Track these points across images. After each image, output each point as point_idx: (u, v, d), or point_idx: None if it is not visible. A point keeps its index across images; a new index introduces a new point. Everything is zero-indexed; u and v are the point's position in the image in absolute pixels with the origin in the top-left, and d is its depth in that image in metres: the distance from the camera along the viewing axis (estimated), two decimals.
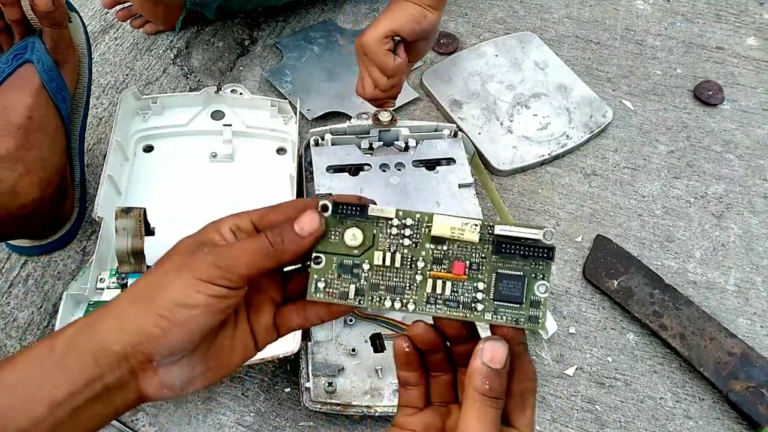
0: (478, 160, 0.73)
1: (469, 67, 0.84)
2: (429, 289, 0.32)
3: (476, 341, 0.31)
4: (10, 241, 0.66)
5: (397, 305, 0.32)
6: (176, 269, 0.30)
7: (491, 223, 0.32)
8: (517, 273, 0.32)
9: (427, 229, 0.32)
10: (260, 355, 0.54)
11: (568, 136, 0.78)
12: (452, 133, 0.71)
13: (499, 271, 0.32)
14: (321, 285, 0.32)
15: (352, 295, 0.32)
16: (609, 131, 0.80)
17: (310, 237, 0.31)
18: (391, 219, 0.32)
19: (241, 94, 0.73)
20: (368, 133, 0.69)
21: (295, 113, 0.71)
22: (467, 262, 0.32)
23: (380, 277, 0.32)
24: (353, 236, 0.32)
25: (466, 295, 0.32)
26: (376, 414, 0.54)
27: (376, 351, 0.57)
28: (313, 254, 0.32)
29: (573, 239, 0.70)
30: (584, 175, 0.76)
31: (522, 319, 0.32)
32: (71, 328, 0.30)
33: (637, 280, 0.66)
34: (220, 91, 0.73)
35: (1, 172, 0.55)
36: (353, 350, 0.58)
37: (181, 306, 0.29)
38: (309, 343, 0.57)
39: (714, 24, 0.93)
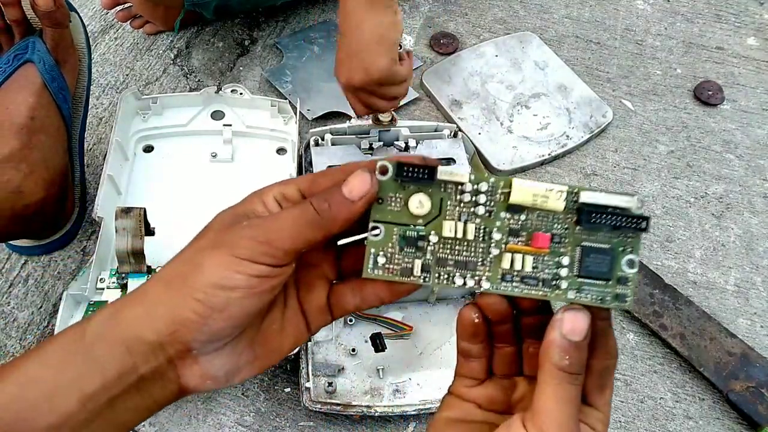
0: (478, 160, 0.73)
1: (469, 67, 0.84)
2: (506, 265, 0.29)
3: (548, 313, 0.29)
4: (10, 241, 0.66)
5: (470, 282, 0.29)
6: (212, 246, 0.27)
7: (576, 189, 0.28)
8: (604, 246, 0.28)
9: (503, 196, 0.28)
10: None
11: (568, 136, 0.78)
12: (452, 134, 0.71)
13: (584, 244, 0.29)
14: (380, 260, 0.28)
15: (417, 271, 0.28)
16: (609, 131, 0.80)
17: (362, 200, 0.27)
18: (463, 184, 0.28)
19: (241, 94, 0.73)
20: (368, 134, 0.69)
21: (295, 113, 0.71)
22: (549, 234, 0.29)
23: (449, 251, 0.29)
24: (419, 203, 0.28)
25: (547, 271, 0.29)
26: (377, 414, 0.54)
27: (376, 351, 0.57)
28: (370, 224, 0.28)
29: None
30: (584, 175, 0.76)
31: (608, 298, 0.28)
32: (100, 316, 0.27)
33: (637, 279, 0.66)
34: (220, 91, 0.73)
35: (6, 173, 0.55)
36: (353, 350, 0.57)
37: (219, 288, 0.26)
38: (309, 343, 0.57)
39: (714, 24, 0.93)
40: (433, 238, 0.28)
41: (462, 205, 0.29)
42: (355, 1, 0.57)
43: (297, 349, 0.55)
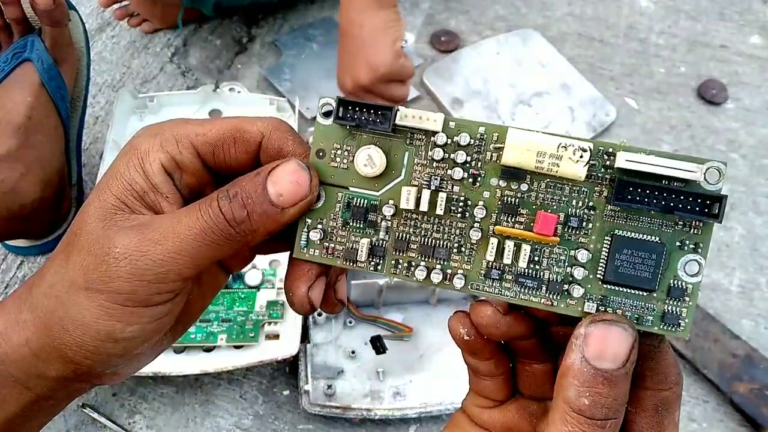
0: None
1: (471, 65, 0.83)
2: (490, 255, 0.20)
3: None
4: (6, 241, 0.65)
5: (436, 278, 0.20)
6: (86, 286, 0.21)
7: (609, 148, 0.19)
8: (651, 239, 0.19)
9: (495, 155, 0.20)
10: (259, 358, 0.54)
11: (570, 135, 0.77)
12: None
13: (617, 232, 0.20)
14: (315, 236, 0.21)
15: (363, 255, 0.21)
16: (612, 130, 0.79)
17: (294, 209, 0.21)
18: (436, 133, 0.20)
19: (239, 92, 0.72)
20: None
21: (294, 112, 0.70)
22: (561, 215, 0.20)
23: (411, 230, 0.21)
24: (368, 160, 0.20)
25: (555, 269, 0.20)
26: (377, 417, 0.54)
27: (377, 353, 0.56)
28: None
29: None
30: None
31: (651, 318, 0.19)
32: None
33: None
34: (217, 90, 0.72)
35: (2, 172, 0.54)
36: (353, 352, 0.57)
37: (111, 341, 0.21)
38: (308, 345, 0.56)
39: (718, 22, 0.92)
40: (389, 210, 0.21)
41: (434, 165, 0.20)
42: (356, 1, 0.56)
43: (296, 351, 0.54)
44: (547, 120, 0.78)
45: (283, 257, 0.59)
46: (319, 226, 0.21)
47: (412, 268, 0.21)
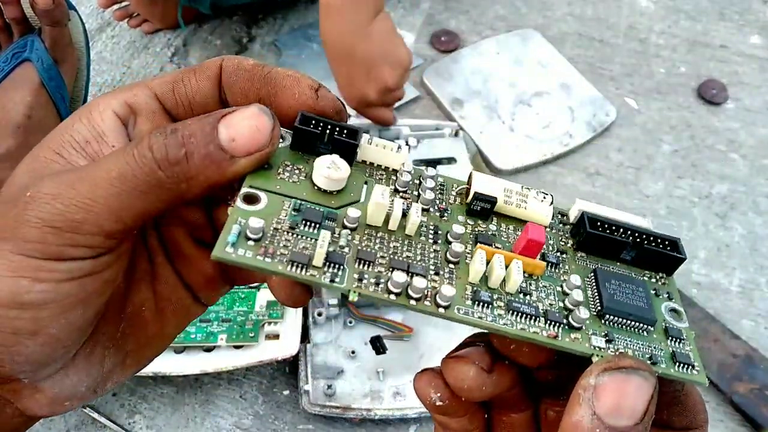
0: (480, 159, 0.72)
1: (471, 65, 0.83)
2: (480, 265, 0.17)
3: (575, 366, 0.17)
4: None
5: (414, 297, 0.16)
6: None
7: (561, 210, 0.20)
8: (630, 275, 0.19)
9: (459, 198, 0.19)
10: (259, 358, 0.54)
11: (570, 135, 0.77)
12: (453, 132, 0.70)
13: (599, 268, 0.19)
14: (255, 224, 0.16)
15: (320, 259, 0.16)
16: (612, 130, 0.79)
17: (248, 159, 0.17)
18: (396, 172, 0.19)
19: None
20: (368, 132, 0.69)
21: None
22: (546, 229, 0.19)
23: (377, 246, 0.17)
24: (333, 165, 0.18)
25: (548, 300, 0.17)
26: (377, 417, 0.54)
27: (377, 353, 0.56)
28: (243, 189, 0.17)
29: None
30: (587, 174, 0.75)
31: (662, 359, 0.17)
32: None
33: None
34: None
35: (1, 172, 0.54)
36: (353, 352, 0.57)
37: (17, 307, 0.16)
38: (308, 345, 0.56)
39: (718, 22, 0.92)
40: (353, 213, 0.17)
41: (398, 192, 0.19)
42: (353, 14, 0.55)
43: (296, 351, 0.54)
44: (547, 120, 0.78)
45: None
46: (260, 222, 0.16)
47: (382, 282, 0.16)
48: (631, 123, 0.80)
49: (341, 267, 0.16)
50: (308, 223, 0.17)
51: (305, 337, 0.57)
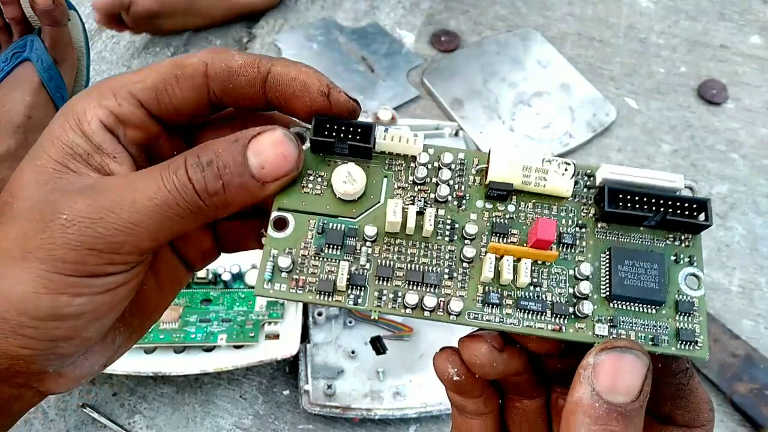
0: None
1: (471, 65, 0.83)
2: (489, 272, 0.18)
3: (583, 355, 0.18)
4: None
5: (430, 301, 0.18)
6: (22, 255, 0.18)
7: (589, 169, 0.19)
8: (649, 249, 0.18)
9: (477, 178, 0.19)
10: (259, 358, 0.54)
11: (570, 135, 0.77)
12: (453, 132, 0.70)
13: (615, 246, 0.18)
14: (284, 263, 0.18)
15: (343, 282, 0.18)
16: (612, 130, 0.79)
17: (276, 183, 0.18)
18: (416, 158, 0.19)
19: None
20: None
21: None
22: (556, 222, 0.19)
23: (395, 256, 0.18)
24: (349, 176, 0.19)
25: (558, 290, 0.18)
26: (377, 417, 0.54)
27: (377, 353, 0.56)
28: (273, 214, 0.19)
29: None
30: None
31: (665, 338, 0.18)
32: None
33: None
34: None
35: (1, 172, 0.54)
36: (353, 352, 0.57)
37: (56, 319, 0.18)
38: (308, 345, 0.56)
39: (718, 22, 0.92)
40: (370, 231, 0.18)
41: (416, 187, 0.19)
42: None
43: (296, 351, 0.54)
44: (547, 120, 0.78)
45: None
46: (288, 257, 0.18)
47: (399, 298, 0.18)
48: (631, 123, 0.80)
49: (362, 288, 0.18)
50: (331, 246, 0.19)
51: (305, 337, 0.57)
